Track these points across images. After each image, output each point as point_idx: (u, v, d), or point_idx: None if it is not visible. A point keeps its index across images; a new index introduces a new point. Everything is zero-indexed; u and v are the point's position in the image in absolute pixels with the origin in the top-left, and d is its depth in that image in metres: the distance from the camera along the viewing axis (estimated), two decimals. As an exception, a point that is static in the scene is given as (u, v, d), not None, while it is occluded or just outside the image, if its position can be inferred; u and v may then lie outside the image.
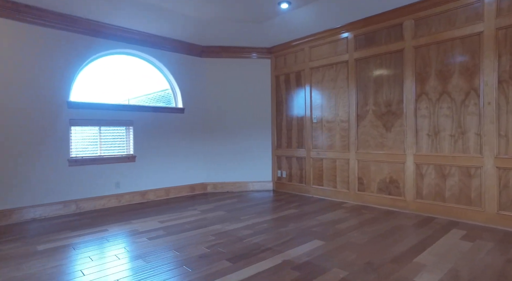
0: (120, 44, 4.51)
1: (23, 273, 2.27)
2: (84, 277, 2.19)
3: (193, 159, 5.37)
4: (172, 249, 2.70)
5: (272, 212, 3.99)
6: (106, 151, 4.42)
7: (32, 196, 3.78)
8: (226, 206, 4.37)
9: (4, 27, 3.61)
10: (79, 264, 2.41)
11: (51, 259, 2.52)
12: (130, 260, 2.47)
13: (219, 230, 3.25)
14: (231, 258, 2.48)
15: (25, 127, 3.74)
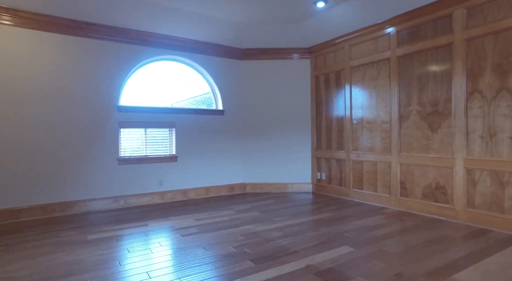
0: (164, 51, 4.82)
1: (73, 258, 2.56)
2: (119, 267, 2.40)
3: (233, 160, 5.51)
4: (201, 247, 2.81)
5: (307, 214, 3.93)
6: (151, 151, 4.75)
7: (87, 190, 4.23)
8: (261, 206, 4.41)
9: (68, 43, 4.09)
10: (117, 254, 2.65)
11: (96, 248, 2.80)
12: (160, 255, 2.64)
13: (250, 230, 3.30)
14: (255, 259, 2.51)
15: (81, 129, 4.20)
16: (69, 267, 2.41)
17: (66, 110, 4.10)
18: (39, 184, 3.93)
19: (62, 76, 4.09)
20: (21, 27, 3.83)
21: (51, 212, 4.00)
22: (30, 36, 3.89)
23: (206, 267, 2.37)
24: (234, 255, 2.61)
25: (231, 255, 2.61)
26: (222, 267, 2.36)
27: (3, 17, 3.72)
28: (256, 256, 2.58)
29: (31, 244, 2.95)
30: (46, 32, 3.98)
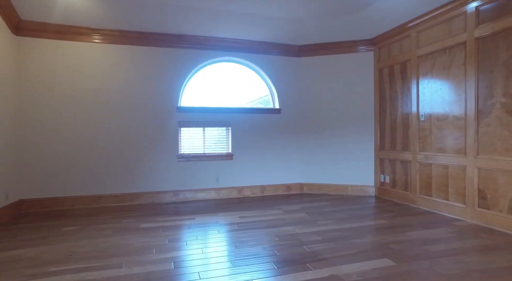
0: (221, 53, 5.03)
1: (122, 243, 2.88)
2: (152, 255, 2.60)
3: (290, 159, 5.42)
4: (233, 244, 2.85)
5: (358, 220, 3.61)
6: (208, 149, 5.02)
7: (151, 184, 4.72)
8: (313, 208, 4.23)
9: (136, 52, 4.64)
10: (156, 243, 2.88)
11: (144, 236, 3.10)
12: (192, 247, 2.77)
13: (288, 232, 3.20)
14: (279, 262, 2.42)
15: (146, 128, 4.70)
16: (116, 250, 2.73)
17: (134, 112, 4.65)
18: (115, 176, 4.56)
19: (132, 82, 4.65)
20: (102, 43, 4.50)
21: (123, 201, 4.59)
22: (108, 50, 4.54)
23: (226, 265, 2.39)
24: (260, 255, 2.57)
25: (257, 255, 2.58)
26: (241, 266, 2.35)
27: (94, 37, 4.42)
28: (281, 259, 2.49)
29: (98, 226, 3.45)
30: (120, 45, 4.58)
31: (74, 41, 4.42)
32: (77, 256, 2.60)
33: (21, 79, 4.23)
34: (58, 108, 4.36)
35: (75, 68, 4.42)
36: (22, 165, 4.22)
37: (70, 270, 2.32)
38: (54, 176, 4.33)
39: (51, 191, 4.33)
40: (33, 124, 4.26)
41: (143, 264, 2.41)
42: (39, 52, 4.29)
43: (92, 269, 2.33)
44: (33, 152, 4.26)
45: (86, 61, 4.46)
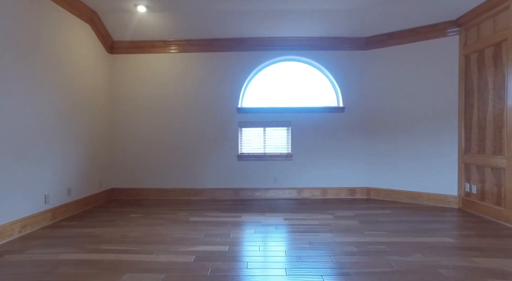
0: (280, 52, 5.01)
1: (167, 233, 3.20)
2: (182, 246, 2.81)
3: (354, 161, 5.01)
4: (257, 245, 2.83)
5: (417, 234, 3.09)
6: (267, 149, 5.07)
7: (213, 181, 5.06)
8: (369, 216, 3.82)
9: (200, 58, 5.05)
10: (192, 236, 3.09)
11: (187, 228, 3.37)
12: (221, 244, 2.87)
13: (324, 239, 2.98)
14: (292, 269, 2.29)
15: (209, 128, 5.06)
16: (156, 238, 3.05)
17: (198, 114, 5.07)
18: (182, 172, 5.07)
19: (197, 87, 5.07)
20: (172, 53, 5.07)
21: (187, 195, 5.07)
22: (177, 59, 5.08)
23: (239, 264, 2.39)
24: (277, 260, 2.48)
25: (273, 259, 2.50)
26: (247, 269, 2.32)
27: (166, 48, 5.04)
28: (297, 266, 2.35)
29: (156, 216, 3.91)
30: (186, 53, 5.06)
31: (150, 53, 5.10)
32: (127, 239, 3.01)
33: (112, 90, 5.12)
34: (139, 111, 5.10)
35: (151, 77, 5.10)
36: (113, 160, 5.11)
37: (114, 250, 2.72)
38: (136, 170, 5.10)
39: (133, 182, 5.10)
40: (121, 125, 5.11)
41: (170, 253, 2.64)
42: (126, 65, 5.11)
43: (129, 252, 2.68)
44: (121, 150, 5.11)
45: (160, 70, 5.09)
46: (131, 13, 4.42)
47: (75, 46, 4.14)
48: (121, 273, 2.25)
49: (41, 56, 3.49)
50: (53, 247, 2.80)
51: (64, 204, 3.85)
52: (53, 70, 3.69)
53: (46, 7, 3.57)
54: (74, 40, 4.11)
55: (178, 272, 2.26)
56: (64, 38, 3.91)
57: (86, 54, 4.41)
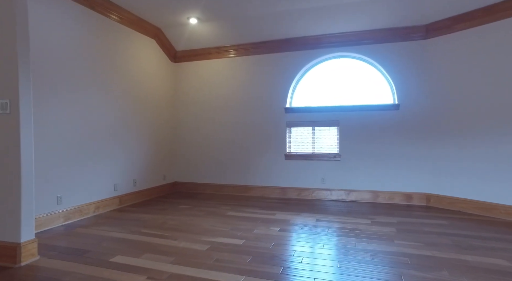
0: (328, 50, 4.88)
1: (198, 223, 3.54)
2: (205, 236, 3.08)
3: (411, 163, 4.52)
4: (274, 243, 2.90)
5: (458, 250, 2.68)
6: (315, 149, 5.00)
7: (261, 179, 5.25)
8: (413, 224, 3.44)
9: (250, 61, 5.30)
10: (220, 229, 3.34)
11: (219, 221, 3.64)
12: (240, 237, 3.03)
13: (344, 244, 2.86)
14: (288, 269, 2.31)
15: (258, 128, 5.26)
16: (188, 227, 3.41)
17: (249, 114, 5.32)
18: (234, 169, 5.41)
19: (247, 87, 5.34)
20: (226, 58, 5.45)
21: (239, 191, 5.38)
22: (230, 62, 5.44)
23: (239, 257, 2.52)
24: (282, 258, 2.52)
25: (282, 258, 2.54)
26: (248, 262, 2.42)
27: (220, 54, 5.46)
28: (297, 267, 2.35)
29: (200, 208, 4.31)
30: (238, 57, 5.37)
31: (207, 59, 5.58)
32: (165, 226, 3.46)
33: (176, 94, 5.80)
34: (198, 112, 5.66)
35: (208, 81, 5.58)
36: (176, 156, 5.79)
37: (151, 234, 3.17)
38: (195, 167, 5.67)
39: (193, 177, 5.69)
40: (182, 125, 5.75)
41: (190, 241, 2.94)
42: (187, 72, 5.72)
43: (159, 236, 3.09)
44: (183, 147, 5.75)
45: (215, 74, 5.53)
46: (188, 25, 4.94)
47: (143, 59, 4.87)
48: (143, 253, 2.64)
49: (115, 70, 4.26)
50: (109, 226, 3.43)
51: (129, 193, 4.60)
52: (124, 80, 4.44)
53: (118, 30, 4.32)
54: (142, 54, 4.85)
55: (187, 257, 2.53)
56: (134, 53, 4.65)
57: (153, 64, 5.13)
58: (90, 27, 3.91)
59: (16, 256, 2.42)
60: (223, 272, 2.25)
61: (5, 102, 2.45)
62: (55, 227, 3.40)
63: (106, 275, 2.21)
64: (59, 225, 3.46)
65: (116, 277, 2.17)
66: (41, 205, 3.29)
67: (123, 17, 4.38)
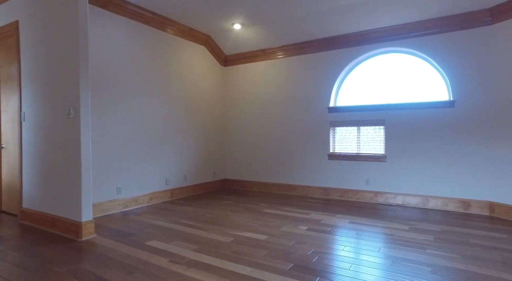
0: (373, 46, 4.65)
1: (233, 218, 3.77)
2: (234, 230, 3.29)
3: (470, 167, 4.05)
4: (296, 241, 2.96)
5: (504, 268, 2.38)
6: (359, 149, 4.82)
7: (304, 178, 5.26)
8: (459, 235, 3.12)
9: (294, 61, 5.36)
10: (249, 224, 3.52)
11: (253, 217, 3.82)
12: (265, 233, 3.16)
13: (364, 247, 2.77)
14: (296, 266, 2.37)
15: (301, 127, 5.29)
16: (223, 221, 3.67)
17: (293, 114, 5.38)
18: (279, 168, 5.54)
19: (291, 88, 5.40)
20: (271, 60, 5.61)
21: (283, 190, 5.48)
22: (274, 64, 5.57)
23: (256, 251, 2.65)
24: (295, 256, 2.58)
25: (297, 257, 2.60)
26: (263, 256, 2.53)
27: (280, 53, 5.64)
28: (304, 265, 2.39)
29: (240, 204, 4.55)
30: (282, 58, 5.48)
31: (253, 62, 5.81)
32: (202, 218, 3.78)
33: (225, 94, 6.17)
34: (246, 112, 5.93)
35: (255, 82, 5.81)
36: (225, 155, 6.16)
37: (187, 224, 3.52)
38: (244, 165, 5.96)
39: (241, 175, 5.99)
40: (231, 125, 6.09)
41: (218, 233, 3.18)
42: (236, 74, 6.04)
43: (194, 227, 3.40)
44: (232, 147, 6.09)
45: (261, 75, 5.73)
46: (234, 31, 5.23)
47: (195, 65, 5.33)
48: (174, 239, 2.97)
49: (168, 77, 4.78)
50: (156, 215, 3.90)
51: (180, 187, 5.09)
52: (177, 85, 4.94)
53: (170, 41, 4.84)
54: (194, 60, 5.31)
55: (209, 247, 2.77)
56: (185, 60, 5.13)
57: (204, 69, 5.57)
58: (145, 40, 4.46)
59: (78, 232, 2.98)
60: (235, 263, 2.42)
61: (71, 108, 3.02)
62: (115, 212, 4.01)
63: (138, 255, 2.58)
64: (118, 212, 4.06)
65: (145, 257, 2.52)
66: (104, 193, 3.91)
67: (175, 29, 4.87)
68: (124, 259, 2.50)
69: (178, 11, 4.44)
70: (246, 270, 2.30)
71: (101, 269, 2.31)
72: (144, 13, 4.32)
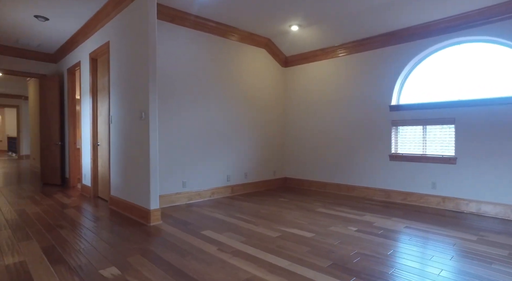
0: (442, 37, 4.26)
1: (286, 215, 3.89)
2: (282, 226, 3.42)
3: None
4: (341, 241, 2.95)
5: None
6: (425, 150, 4.46)
7: (363, 179, 5.08)
8: (538, 251, 2.71)
9: (353, 59, 5.21)
10: (299, 221, 3.60)
11: (304, 216, 3.89)
12: (312, 231, 3.22)
13: (416, 253, 2.62)
14: (335, 265, 2.39)
15: (359, 126, 5.12)
16: (274, 217, 3.83)
17: (352, 112, 5.24)
18: (337, 168, 5.46)
19: (350, 86, 5.26)
20: (329, 59, 5.55)
21: (341, 190, 5.38)
22: (332, 63, 5.50)
23: (299, 247, 2.74)
24: (343, 263, 2.59)
25: (339, 261, 2.62)
26: (306, 253, 2.61)
27: (339, 52, 5.62)
28: (343, 265, 2.40)
29: (295, 203, 4.64)
30: (341, 56, 5.37)
31: (313, 62, 5.82)
32: (257, 214, 4.01)
33: (286, 95, 6.30)
34: (306, 112, 5.98)
35: (316, 81, 5.82)
36: (286, 154, 6.30)
37: (241, 218, 3.78)
38: (303, 164, 6.02)
39: (301, 174, 6.06)
40: (292, 125, 6.21)
41: (267, 228, 3.36)
42: (296, 74, 6.13)
43: (247, 221, 3.64)
44: (292, 146, 6.21)
45: (322, 74, 5.71)
46: (292, 32, 5.34)
47: (256, 67, 5.61)
48: (226, 231, 3.25)
49: (230, 81, 5.16)
50: (215, 208, 4.26)
51: (240, 184, 5.42)
52: (239, 88, 5.29)
53: (232, 46, 5.20)
54: (255, 63, 5.59)
55: (255, 240, 2.96)
56: (247, 64, 5.45)
57: (265, 71, 5.81)
58: (208, 48, 4.89)
59: (147, 218, 3.48)
60: (275, 256, 2.57)
61: (142, 112, 3.55)
62: (180, 204, 4.52)
63: (192, 241, 2.92)
64: (183, 203, 4.56)
65: (197, 244, 2.85)
66: (171, 186, 4.44)
67: (237, 35, 5.21)
68: (180, 243, 2.86)
69: (239, 18, 4.74)
70: (284, 263, 2.42)
71: (161, 250, 2.70)
72: (208, 23, 4.74)
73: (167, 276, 2.19)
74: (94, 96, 4.98)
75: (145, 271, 2.29)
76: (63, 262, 2.46)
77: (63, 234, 3.16)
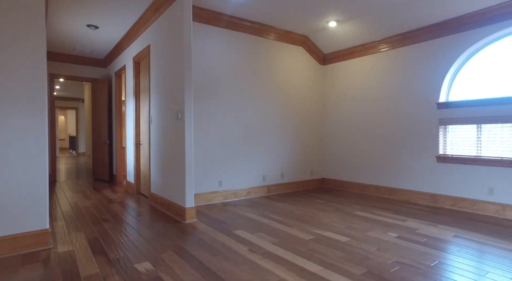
0: (501, 25, 3.81)
1: (322, 216, 3.77)
2: (315, 229, 3.30)
3: None
4: (379, 248, 2.77)
5: None
6: (483, 152, 4.04)
7: (407, 182, 4.74)
8: None
9: (395, 54, 4.88)
10: (335, 225, 3.45)
11: (341, 218, 3.73)
12: (347, 235, 3.07)
13: (462, 266, 2.36)
14: (369, 273, 2.24)
15: (402, 125, 4.78)
16: (309, 218, 3.72)
17: (394, 111, 4.92)
18: (379, 169, 5.16)
19: (392, 84, 4.94)
20: (369, 55, 5.27)
21: (382, 192, 5.07)
22: (372, 58, 5.21)
23: (332, 251, 2.61)
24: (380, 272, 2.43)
25: (375, 272, 2.46)
26: (338, 257, 2.48)
27: (381, 47, 5.35)
28: (379, 274, 2.24)
29: (332, 204, 4.47)
30: (382, 52, 5.06)
31: (352, 58, 5.57)
32: (290, 214, 3.93)
33: (324, 92, 6.11)
34: (345, 110, 5.75)
35: (356, 78, 5.57)
36: (324, 155, 6.11)
37: (275, 219, 3.73)
38: (342, 164, 5.80)
39: (339, 175, 5.84)
40: (330, 125, 6.00)
41: (301, 230, 3.26)
42: (335, 72, 5.92)
43: (280, 222, 3.58)
44: (330, 147, 6.01)
45: (362, 71, 5.45)
46: (330, 29, 5.17)
47: (293, 65, 5.52)
48: (258, 231, 3.22)
49: (267, 79, 5.13)
50: (250, 208, 4.26)
51: (277, 184, 5.36)
52: (276, 87, 5.25)
53: (269, 45, 5.17)
54: (292, 61, 5.51)
55: (288, 242, 2.89)
56: (283, 62, 5.38)
57: (302, 69, 5.69)
58: (244, 47, 4.90)
59: (183, 215, 3.58)
60: (307, 260, 2.48)
61: (179, 112, 3.66)
62: (216, 203, 4.59)
63: (223, 240, 2.93)
64: (219, 202, 4.63)
65: (229, 243, 2.85)
66: (208, 185, 4.53)
67: (273, 34, 5.16)
68: (212, 242, 2.89)
69: (275, 17, 4.69)
70: (316, 268, 2.32)
71: (193, 247, 2.75)
72: (243, 23, 4.75)
73: (196, 274, 2.21)
74: (137, 97, 5.26)
75: (176, 267, 2.34)
76: (104, 254, 2.61)
77: (106, 228, 3.37)
